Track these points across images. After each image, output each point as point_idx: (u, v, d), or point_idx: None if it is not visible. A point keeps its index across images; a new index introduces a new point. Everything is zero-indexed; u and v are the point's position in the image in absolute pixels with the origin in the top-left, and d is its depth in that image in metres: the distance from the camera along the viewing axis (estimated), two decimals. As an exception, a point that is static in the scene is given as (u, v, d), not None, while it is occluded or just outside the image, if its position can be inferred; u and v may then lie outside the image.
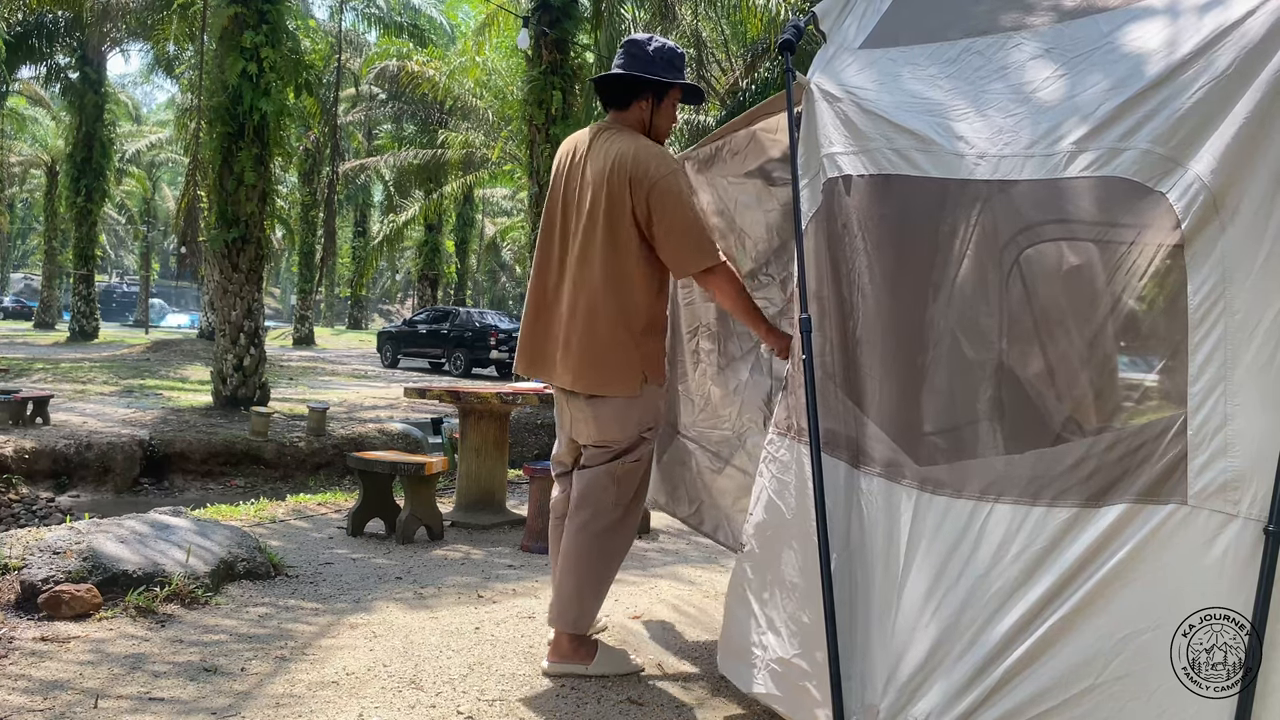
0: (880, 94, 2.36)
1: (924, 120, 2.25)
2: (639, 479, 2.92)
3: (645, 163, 2.73)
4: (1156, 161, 1.92)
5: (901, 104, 2.31)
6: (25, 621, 3.17)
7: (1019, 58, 2.22)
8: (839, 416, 2.32)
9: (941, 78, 2.31)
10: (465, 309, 23.68)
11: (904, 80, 2.36)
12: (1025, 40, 2.24)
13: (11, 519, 7.12)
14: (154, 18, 17.08)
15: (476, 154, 22.66)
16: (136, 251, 48.30)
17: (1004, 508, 1.99)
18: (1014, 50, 2.24)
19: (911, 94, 2.32)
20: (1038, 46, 2.21)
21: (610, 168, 2.75)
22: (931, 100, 2.28)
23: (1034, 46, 2.21)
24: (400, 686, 2.82)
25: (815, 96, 2.49)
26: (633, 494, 2.91)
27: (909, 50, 2.42)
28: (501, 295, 45.76)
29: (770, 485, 2.46)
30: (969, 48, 2.31)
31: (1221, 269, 1.84)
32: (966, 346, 2.13)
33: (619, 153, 2.76)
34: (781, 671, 2.34)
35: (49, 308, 30.97)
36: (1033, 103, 2.13)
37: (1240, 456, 1.78)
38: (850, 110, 2.39)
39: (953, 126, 2.20)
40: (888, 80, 2.39)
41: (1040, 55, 2.19)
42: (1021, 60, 2.21)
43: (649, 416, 2.90)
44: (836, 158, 2.39)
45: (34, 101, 30.29)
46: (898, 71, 2.39)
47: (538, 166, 12.88)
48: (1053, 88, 2.12)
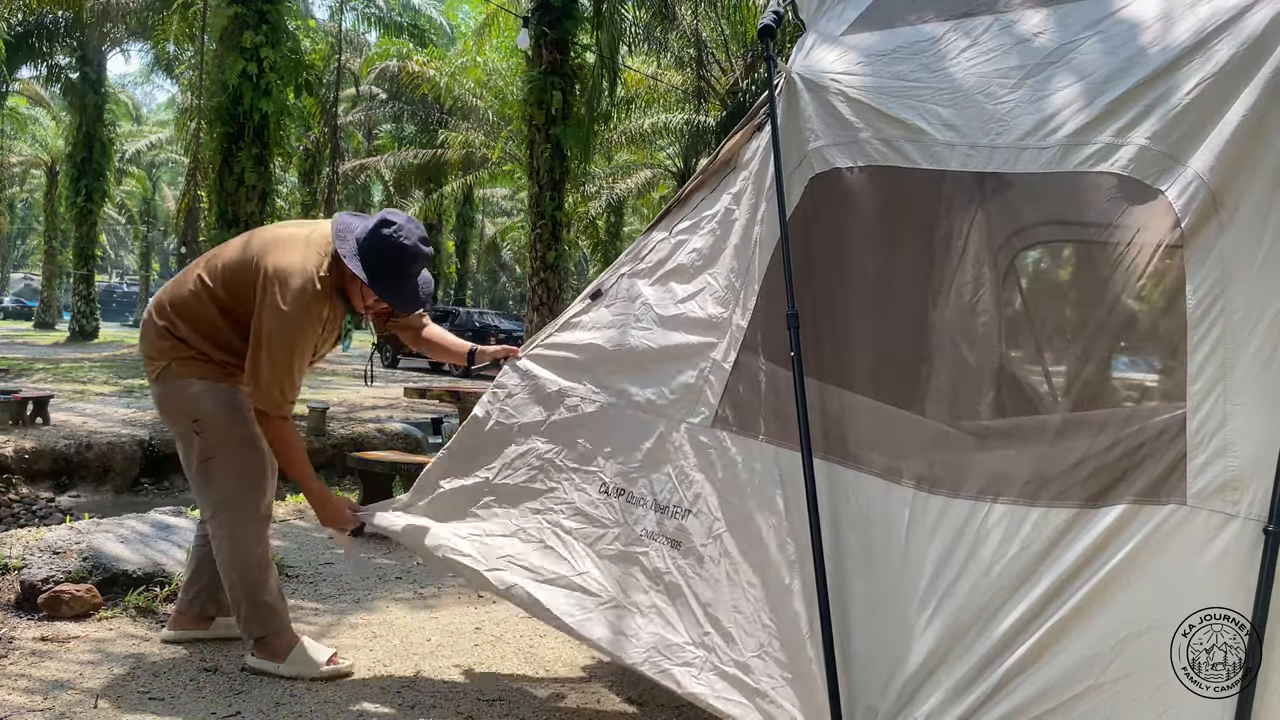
0: (866, 79, 2.30)
1: (913, 108, 2.20)
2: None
3: (272, 284, 2.69)
4: (1155, 158, 1.91)
5: (888, 90, 2.26)
6: (25, 621, 3.17)
7: (1007, 41, 2.17)
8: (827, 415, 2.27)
9: (928, 58, 2.25)
10: (465, 309, 23.69)
11: (889, 64, 2.30)
12: (1014, 23, 2.19)
13: (11, 519, 7.12)
14: (154, 18, 17.08)
15: (476, 154, 22.66)
16: (136, 251, 48.26)
17: (1002, 508, 1.98)
18: (1002, 33, 2.18)
19: (898, 77, 2.26)
20: (1027, 29, 2.16)
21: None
22: (919, 84, 2.23)
23: (1023, 29, 2.16)
24: (400, 686, 2.82)
25: (798, 87, 2.43)
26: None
27: (893, 33, 2.36)
28: (501, 295, 45.76)
29: (720, 482, 2.39)
30: (955, 27, 2.26)
31: (1221, 268, 1.83)
32: (963, 346, 2.11)
33: (266, 256, 2.74)
34: (733, 673, 2.24)
35: (49, 308, 30.95)
36: (1024, 89, 2.08)
37: (1239, 456, 1.78)
38: (836, 100, 2.34)
39: (942, 114, 2.16)
40: (873, 63, 2.32)
41: (1029, 39, 2.14)
42: (1010, 44, 2.16)
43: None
44: (825, 151, 2.34)
45: (34, 101, 30.26)
46: (882, 55, 2.33)
47: (538, 166, 12.87)
48: (1044, 74, 2.08)
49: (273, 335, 2.68)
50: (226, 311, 2.80)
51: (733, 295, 2.47)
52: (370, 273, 2.73)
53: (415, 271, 2.83)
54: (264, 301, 2.69)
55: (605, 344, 2.69)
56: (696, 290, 2.56)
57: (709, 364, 2.47)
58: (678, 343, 2.55)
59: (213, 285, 2.80)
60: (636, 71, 18.19)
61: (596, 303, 2.77)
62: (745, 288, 2.45)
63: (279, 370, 2.70)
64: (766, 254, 2.43)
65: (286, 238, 2.81)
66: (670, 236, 2.67)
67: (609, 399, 2.65)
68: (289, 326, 2.69)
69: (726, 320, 2.48)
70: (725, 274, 2.51)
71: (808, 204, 2.37)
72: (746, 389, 2.41)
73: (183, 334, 2.82)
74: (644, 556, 2.46)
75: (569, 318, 2.82)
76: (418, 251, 2.79)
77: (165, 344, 2.83)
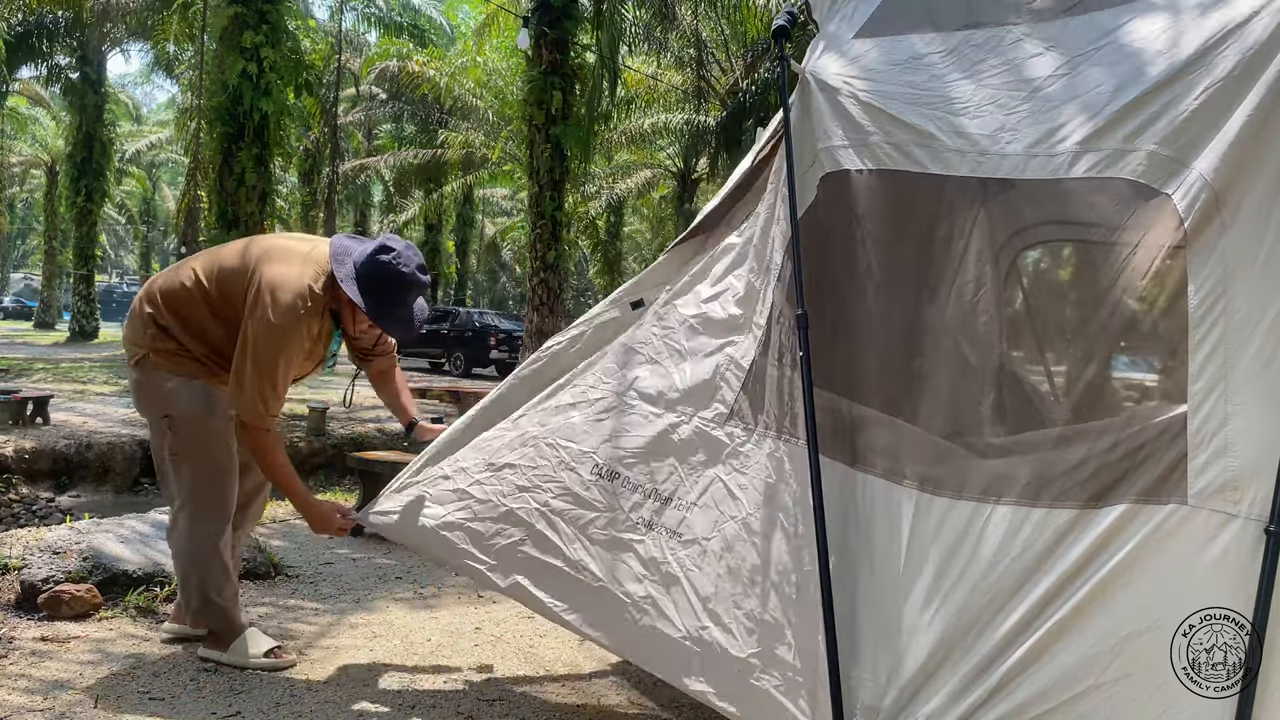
0: (878, 85, 2.32)
1: (924, 114, 2.23)
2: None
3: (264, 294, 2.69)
4: (1163, 163, 1.92)
5: (900, 96, 2.28)
6: (25, 621, 3.17)
7: (1019, 54, 2.20)
8: (834, 415, 2.28)
9: (940, 69, 2.27)
10: (465, 309, 23.68)
11: (902, 71, 2.32)
12: (1025, 35, 2.21)
13: (11, 519, 7.11)
14: (154, 18, 17.07)
15: (476, 154, 22.65)
16: (136, 251, 48.28)
17: (1004, 508, 1.99)
18: (1014, 45, 2.21)
19: (910, 85, 2.28)
20: (1038, 42, 2.19)
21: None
22: (931, 93, 2.25)
23: (1034, 42, 2.19)
24: (400, 686, 2.82)
25: (811, 87, 2.44)
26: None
27: (905, 40, 2.37)
28: (501, 295, 45.74)
29: (727, 479, 2.38)
30: (967, 39, 2.28)
31: (1222, 268, 1.84)
32: (966, 347, 2.12)
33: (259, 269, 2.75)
34: (734, 671, 2.24)
35: (49, 308, 30.94)
36: (1034, 100, 2.11)
37: (1240, 456, 1.78)
38: (848, 102, 2.35)
39: (954, 122, 2.19)
40: (885, 70, 2.35)
41: (1041, 52, 2.17)
42: (1022, 56, 2.19)
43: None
44: (835, 151, 2.35)
45: (34, 101, 30.26)
46: (895, 61, 2.35)
47: (538, 166, 12.88)
48: (1054, 86, 2.11)
49: (259, 346, 2.68)
50: (216, 312, 2.80)
51: (753, 295, 2.47)
52: (366, 297, 2.73)
53: (411, 299, 2.83)
54: (254, 310, 2.69)
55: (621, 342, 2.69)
56: (720, 291, 2.56)
57: (727, 362, 2.47)
58: (697, 341, 2.55)
59: (207, 284, 2.80)
60: (636, 71, 18.20)
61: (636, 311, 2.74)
62: (765, 287, 2.46)
63: (263, 382, 2.70)
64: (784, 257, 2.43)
65: (286, 250, 2.81)
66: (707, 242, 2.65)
67: (616, 388, 2.63)
68: (276, 339, 2.68)
69: (747, 320, 2.47)
70: (746, 274, 2.51)
71: (820, 203, 2.38)
72: (761, 387, 2.42)
73: (166, 323, 2.82)
74: (639, 545, 2.45)
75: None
76: (414, 279, 2.79)
77: (148, 332, 2.84)
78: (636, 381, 2.61)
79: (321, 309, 2.78)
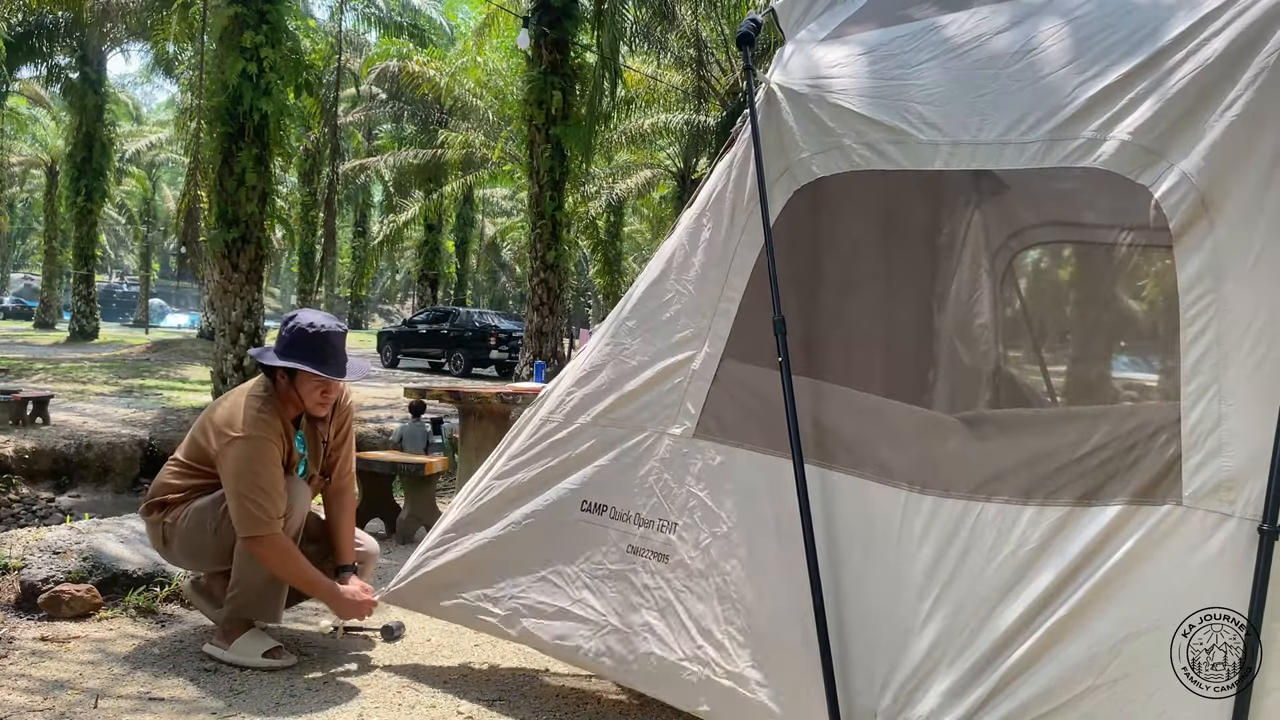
0: (845, 84, 2.30)
1: (893, 110, 2.20)
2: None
3: (221, 426, 2.88)
4: (1137, 154, 1.89)
5: (868, 92, 2.25)
6: (25, 621, 3.17)
7: (984, 29, 2.16)
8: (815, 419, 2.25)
9: (906, 55, 2.25)
10: (465, 309, 23.67)
11: (867, 65, 2.30)
12: (990, 13, 2.18)
13: (11, 519, 7.12)
14: (154, 18, 17.04)
15: (476, 154, 22.63)
16: (136, 251, 48.21)
17: (995, 507, 1.98)
18: (980, 22, 2.17)
19: (878, 79, 2.26)
20: (1004, 19, 2.14)
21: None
22: (898, 83, 2.22)
23: (1000, 19, 2.15)
24: (400, 686, 2.82)
25: (778, 97, 2.42)
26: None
27: (870, 35, 2.36)
28: (501, 295, 45.71)
29: (704, 492, 2.38)
30: (930, 25, 2.25)
31: (1213, 268, 1.83)
32: (958, 346, 2.12)
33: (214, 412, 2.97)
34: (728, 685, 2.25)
35: (49, 308, 30.92)
36: (1002, 80, 2.07)
37: (1234, 456, 1.78)
38: (816, 107, 2.33)
39: (923, 112, 2.15)
40: (851, 68, 2.32)
41: (1007, 28, 2.12)
42: (988, 32, 2.15)
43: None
44: (808, 162, 2.33)
45: (34, 101, 30.24)
46: (860, 57, 2.33)
47: (538, 166, 12.88)
48: (1021, 65, 2.06)
49: (238, 466, 2.81)
50: (208, 476, 2.96)
51: (710, 306, 2.46)
52: (294, 359, 2.89)
53: (335, 344, 2.97)
54: (221, 448, 2.85)
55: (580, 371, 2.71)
56: (670, 304, 2.55)
57: (687, 375, 2.46)
58: (653, 357, 2.54)
59: (187, 463, 2.99)
60: (636, 71, 18.17)
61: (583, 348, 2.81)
62: (725, 298, 2.45)
63: (254, 493, 2.80)
64: (748, 263, 2.42)
65: (218, 403, 3.01)
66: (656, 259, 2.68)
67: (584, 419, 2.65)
68: (249, 449, 2.83)
69: (704, 331, 2.46)
70: (699, 285, 2.50)
71: (790, 214, 2.36)
72: (729, 398, 2.40)
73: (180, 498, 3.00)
74: (633, 574, 2.47)
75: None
76: (326, 328, 2.96)
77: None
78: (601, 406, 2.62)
79: (276, 410, 2.93)
